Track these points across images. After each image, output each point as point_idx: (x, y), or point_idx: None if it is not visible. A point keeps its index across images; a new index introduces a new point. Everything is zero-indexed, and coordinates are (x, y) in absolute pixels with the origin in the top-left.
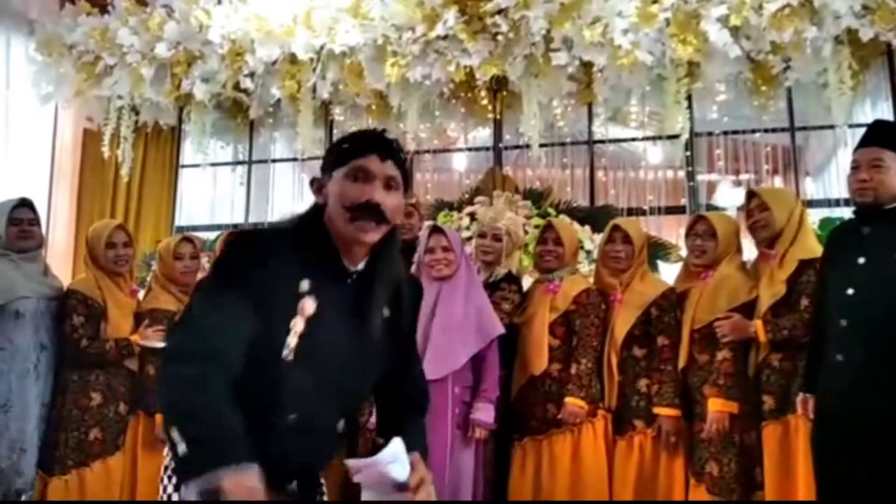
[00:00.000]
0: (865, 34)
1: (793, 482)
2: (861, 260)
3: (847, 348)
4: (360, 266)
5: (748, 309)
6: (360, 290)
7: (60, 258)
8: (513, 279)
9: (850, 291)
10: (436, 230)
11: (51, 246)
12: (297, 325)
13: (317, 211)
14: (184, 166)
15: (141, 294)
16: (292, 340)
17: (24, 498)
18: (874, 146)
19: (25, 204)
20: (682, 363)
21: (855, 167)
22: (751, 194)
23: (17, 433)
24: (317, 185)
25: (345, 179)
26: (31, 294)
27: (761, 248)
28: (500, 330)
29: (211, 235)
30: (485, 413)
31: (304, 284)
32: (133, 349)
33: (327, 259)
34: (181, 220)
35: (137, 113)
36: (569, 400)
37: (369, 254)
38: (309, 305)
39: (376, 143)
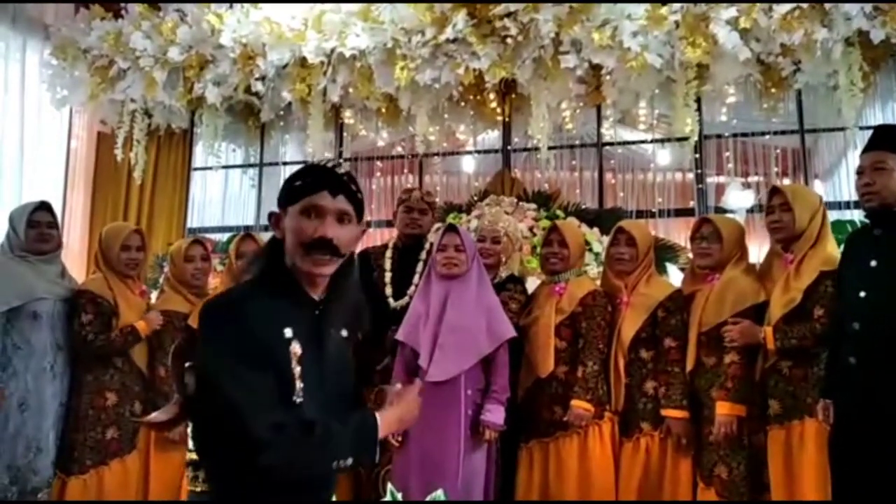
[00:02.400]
0: (876, 35)
1: (797, 488)
2: (873, 263)
3: (860, 351)
4: (322, 294)
5: (755, 312)
6: (322, 316)
7: (75, 259)
8: (517, 280)
9: (863, 294)
10: (450, 229)
11: (65, 247)
12: (296, 369)
13: (275, 247)
14: (196, 169)
15: (153, 295)
16: (298, 384)
17: (39, 496)
18: (877, 150)
19: (44, 207)
20: (689, 367)
21: (860, 172)
22: (774, 191)
23: (34, 432)
24: (274, 220)
25: (299, 216)
26: (49, 295)
27: (777, 249)
28: (512, 333)
29: (223, 237)
30: (495, 414)
31: (288, 331)
32: (139, 335)
33: (295, 296)
34: (193, 221)
35: (150, 116)
36: (575, 402)
37: (329, 281)
38: (297, 349)
39: (327, 180)
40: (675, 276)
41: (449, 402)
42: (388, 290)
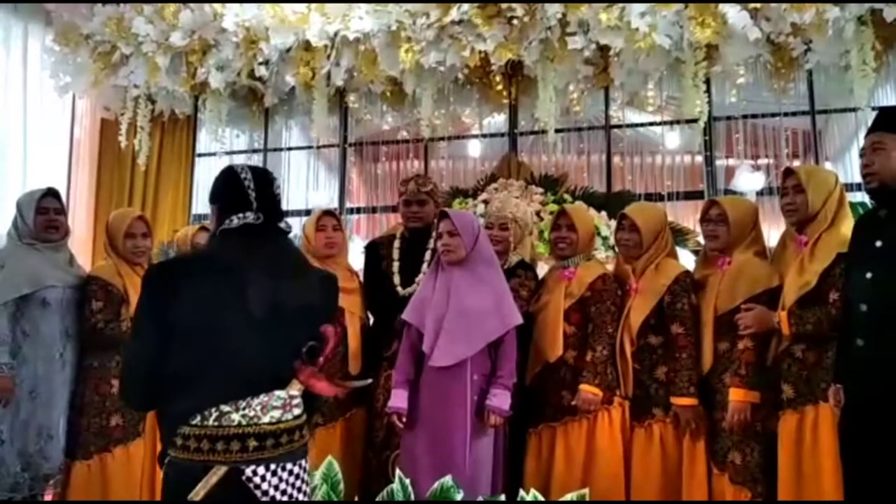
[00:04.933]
0: (889, 14)
1: (808, 473)
2: (878, 243)
3: (867, 333)
4: None
5: (769, 296)
6: None
7: (80, 246)
8: (527, 266)
9: (869, 275)
10: (442, 215)
11: (71, 234)
12: None
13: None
14: (200, 155)
15: None
16: None
17: (51, 483)
18: (876, 131)
19: (52, 194)
20: (707, 361)
21: (861, 155)
22: (787, 172)
23: (45, 419)
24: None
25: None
26: (58, 283)
27: (792, 232)
28: (518, 320)
29: None
30: (500, 400)
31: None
32: None
33: None
34: (198, 208)
35: (153, 102)
36: (583, 387)
37: None
38: None
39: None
40: (687, 260)
41: (455, 387)
42: (397, 279)
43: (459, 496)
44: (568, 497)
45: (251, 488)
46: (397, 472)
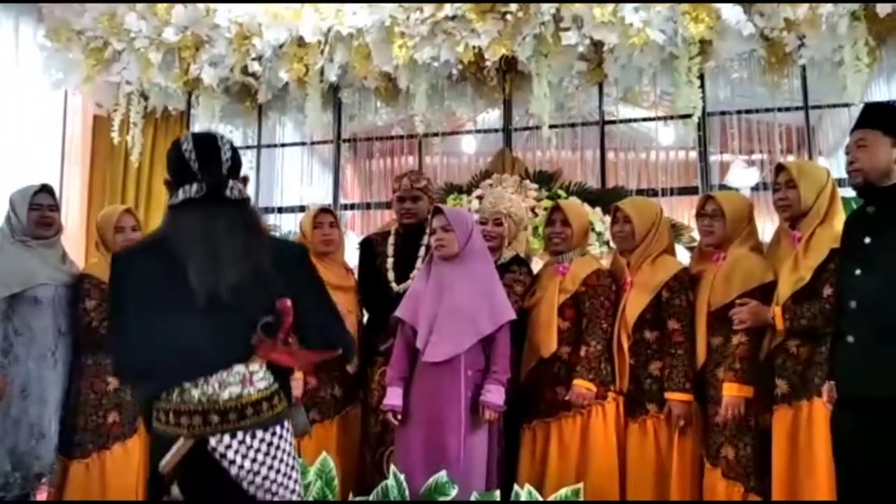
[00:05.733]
0: (883, 9)
1: (802, 468)
2: (867, 240)
3: (856, 329)
4: None
5: (763, 291)
6: None
7: (72, 244)
8: (521, 262)
9: (858, 272)
10: (436, 211)
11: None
12: None
13: None
14: None
15: None
16: None
17: (43, 481)
18: (860, 128)
19: (46, 190)
20: (701, 354)
21: (847, 152)
22: (779, 168)
23: (36, 418)
24: None
25: None
26: (50, 281)
27: (785, 227)
28: (511, 315)
29: None
30: (494, 395)
31: None
32: None
33: None
34: None
35: (146, 98)
36: (577, 382)
37: None
38: None
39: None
40: (682, 256)
41: (449, 383)
42: (391, 276)
43: (454, 492)
44: (562, 492)
45: (218, 459)
46: (392, 468)
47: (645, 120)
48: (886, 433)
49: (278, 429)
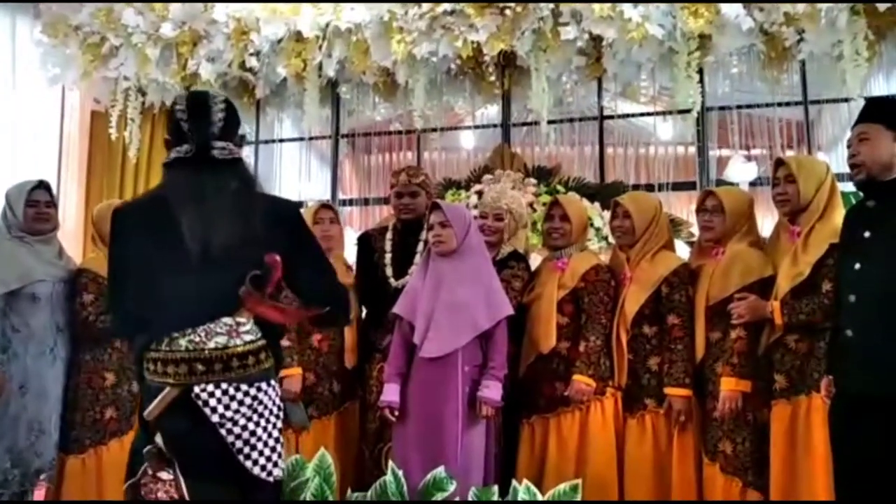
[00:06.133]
0: (882, 3)
1: (800, 463)
2: (867, 234)
3: (856, 323)
4: None
5: (762, 286)
6: None
7: (70, 240)
8: (520, 258)
9: (858, 266)
10: (434, 207)
11: (61, 228)
12: None
13: None
14: None
15: None
16: None
17: (42, 478)
18: (862, 122)
19: (42, 186)
20: (699, 349)
21: (848, 146)
22: (778, 163)
23: (35, 415)
24: None
25: None
26: (47, 277)
27: (784, 222)
28: (509, 311)
29: None
30: (492, 391)
31: None
32: None
33: None
34: None
35: (144, 94)
36: (576, 377)
37: None
38: None
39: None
40: (682, 251)
41: (446, 378)
42: (389, 271)
43: (452, 487)
44: (561, 487)
45: (201, 407)
46: (390, 464)
47: (644, 115)
48: (884, 428)
49: (264, 385)
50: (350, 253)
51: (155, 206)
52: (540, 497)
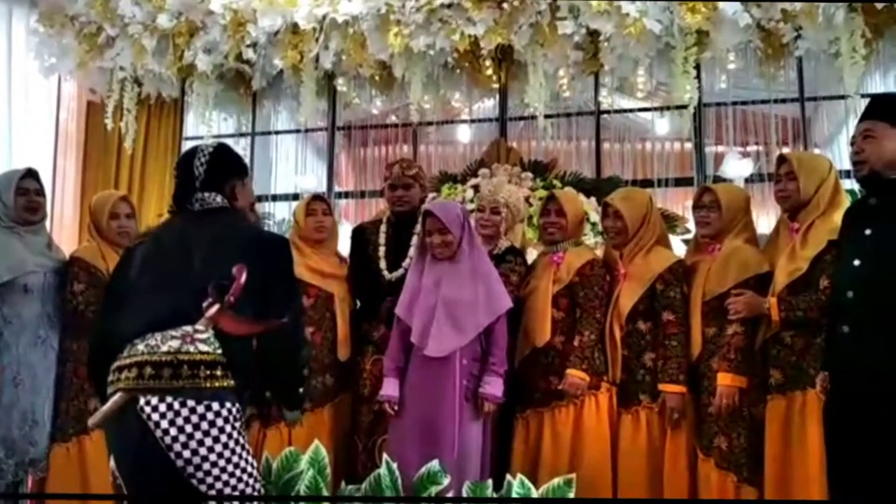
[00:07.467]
0: (880, 1)
1: (795, 458)
2: (868, 231)
3: (853, 320)
4: None
5: (758, 282)
6: None
7: (66, 230)
8: (517, 252)
9: (857, 262)
10: (427, 214)
11: (57, 218)
12: None
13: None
14: (187, 138)
15: None
16: None
17: (40, 467)
18: (867, 119)
19: (31, 174)
20: (696, 346)
21: (852, 143)
22: (781, 159)
23: (29, 405)
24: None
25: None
26: (38, 268)
27: (784, 219)
28: (508, 305)
29: None
30: (494, 387)
31: None
32: None
33: None
34: None
35: (140, 85)
36: (570, 371)
37: None
38: None
39: None
40: (677, 248)
41: (444, 372)
42: (383, 264)
43: (446, 481)
44: (555, 482)
45: (146, 420)
46: (384, 456)
47: (641, 110)
48: (880, 424)
49: (216, 405)
50: (344, 246)
51: (149, 247)
52: (534, 491)
